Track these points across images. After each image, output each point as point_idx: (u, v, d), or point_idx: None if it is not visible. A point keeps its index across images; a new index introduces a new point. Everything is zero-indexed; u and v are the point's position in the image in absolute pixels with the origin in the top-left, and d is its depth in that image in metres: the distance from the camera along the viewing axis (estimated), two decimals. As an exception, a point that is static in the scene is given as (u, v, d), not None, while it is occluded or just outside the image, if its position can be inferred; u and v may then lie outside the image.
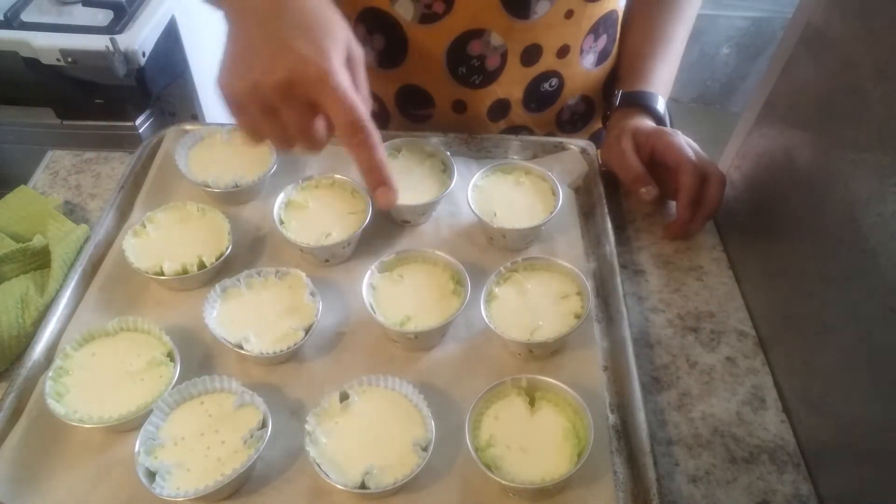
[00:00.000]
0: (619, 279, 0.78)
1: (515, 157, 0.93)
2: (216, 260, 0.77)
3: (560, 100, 0.99)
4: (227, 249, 0.78)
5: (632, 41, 0.97)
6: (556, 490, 0.62)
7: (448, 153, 0.87)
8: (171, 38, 1.64)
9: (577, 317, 0.72)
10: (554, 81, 0.96)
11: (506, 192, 0.85)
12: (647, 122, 0.88)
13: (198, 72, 1.75)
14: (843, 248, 0.65)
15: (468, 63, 0.91)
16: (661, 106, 0.89)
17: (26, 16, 1.59)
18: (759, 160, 0.83)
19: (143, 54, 1.50)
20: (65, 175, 0.96)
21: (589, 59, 0.97)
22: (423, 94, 0.95)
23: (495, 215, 0.81)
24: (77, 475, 0.64)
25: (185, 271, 0.76)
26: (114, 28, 1.51)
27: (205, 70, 1.78)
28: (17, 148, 1.76)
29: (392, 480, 0.60)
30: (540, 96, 0.97)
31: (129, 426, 0.65)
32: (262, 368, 0.71)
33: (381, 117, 0.99)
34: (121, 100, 1.60)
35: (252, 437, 0.63)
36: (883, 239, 0.59)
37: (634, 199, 0.94)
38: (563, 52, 0.93)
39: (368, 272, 0.75)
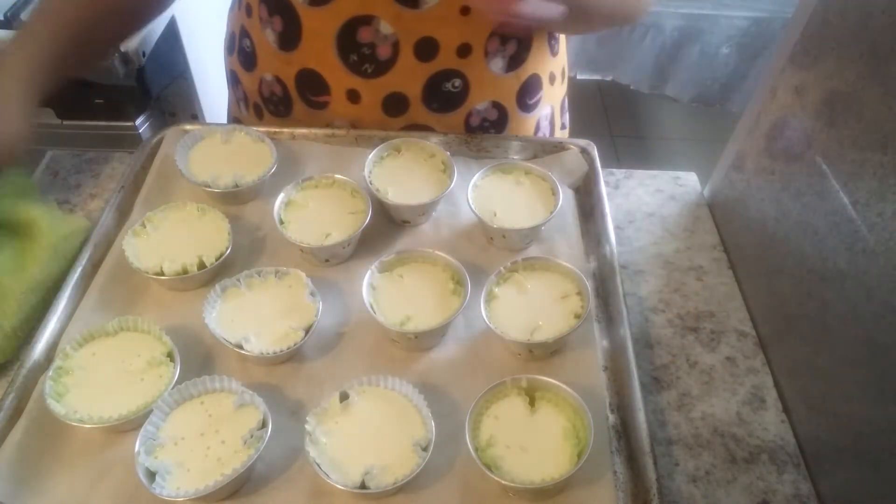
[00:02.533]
0: (619, 279, 0.78)
1: (515, 157, 0.93)
2: (216, 260, 0.77)
3: (467, 103, 0.94)
4: (227, 249, 0.78)
5: None
6: (556, 490, 0.62)
7: (448, 153, 0.87)
8: (171, 38, 1.64)
9: (577, 317, 0.72)
10: (457, 82, 0.92)
11: (506, 192, 0.85)
12: None
13: (198, 72, 1.75)
14: (843, 248, 0.65)
15: (359, 51, 0.88)
16: None
17: (26, 16, 1.59)
18: (759, 160, 0.83)
19: (143, 54, 1.50)
20: (65, 175, 0.96)
21: (497, 64, 0.92)
22: (319, 79, 0.92)
23: (495, 215, 0.81)
24: (77, 475, 0.64)
25: (185, 271, 0.76)
26: (114, 28, 1.51)
27: (205, 70, 1.78)
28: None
29: (392, 480, 0.60)
30: (442, 96, 0.93)
31: (129, 426, 0.65)
32: (262, 368, 0.71)
33: (284, 102, 0.97)
34: (121, 100, 1.60)
35: (252, 437, 0.63)
36: (883, 239, 0.59)
37: (634, 199, 0.94)
38: (463, 51, 0.89)
39: (368, 272, 0.75)
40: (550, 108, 1.04)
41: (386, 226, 0.86)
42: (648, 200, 0.94)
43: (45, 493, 0.62)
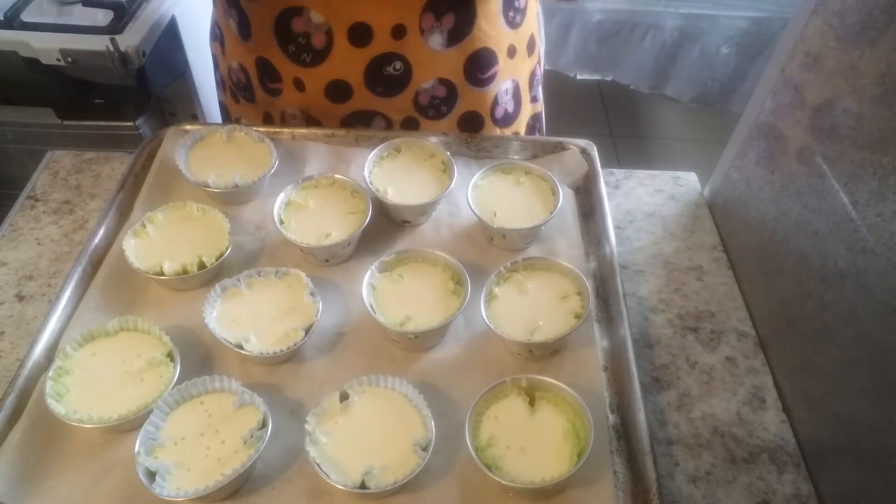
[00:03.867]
0: (619, 279, 0.78)
1: (515, 157, 0.93)
2: (216, 260, 0.77)
3: (412, 83, 0.94)
4: (226, 249, 0.78)
5: None
6: (556, 490, 0.62)
7: (448, 153, 0.87)
8: (171, 38, 1.64)
9: (577, 317, 0.72)
10: (398, 64, 0.91)
11: (506, 192, 0.85)
12: None
13: (198, 72, 1.75)
14: (843, 248, 0.65)
15: (296, 41, 0.90)
16: None
17: (26, 16, 1.59)
18: (758, 160, 0.83)
19: (143, 54, 1.50)
20: (65, 175, 0.96)
21: (436, 40, 0.90)
22: (271, 67, 0.94)
23: (495, 215, 0.81)
24: (77, 475, 0.64)
25: (185, 271, 0.76)
26: (114, 28, 1.51)
27: (205, 70, 1.78)
28: (17, 148, 1.76)
29: (392, 480, 0.60)
30: (385, 80, 0.92)
31: (129, 426, 0.65)
32: (262, 368, 0.71)
33: (248, 88, 0.99)
34: (121, 100, 1.60)
35: (252, 437, 0.63)
36: (883, 239, 0.59)
37: (634, 199, 0.94)
38: (398, 32, 0.88)
39: (368, 272, 0.75)
40: (513, 82, 1.01)
41: (386, 226, 0.86)
42: (648, 200, 0.94)
43: (46, 493, 0.62)
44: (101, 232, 0.82)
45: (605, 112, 2.68)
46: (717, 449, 0.68)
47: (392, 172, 0.87)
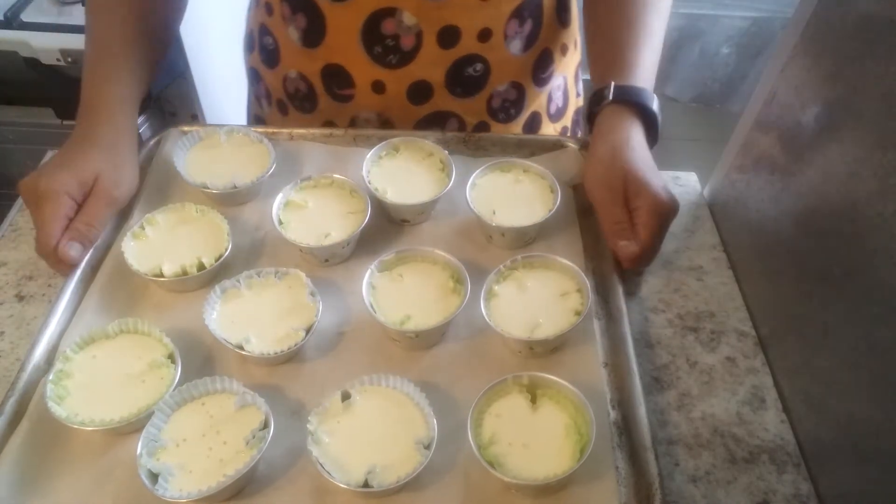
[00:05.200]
0: (617, 276, 0.78)
1: (513, 156, 0.92)
2: (215, 261, 0.77)
3: (488, 86, 0.97)
4: (226, 250, 0.78)
5: (608, 28, 0.91)
6: (559, 487, 0.62)
7: (446, 152, 0.87)
8: None
9: (578, 314, 0.72)
10: (479, 66, 0.94)
11: (504, 190, 0.85)
12: (641, 153, 0.82)
13: (198, 72, 1.75)
14: (843, 248, 0.65)
15: (383, 42, 0.90)
16: (656, 106, 0.85)
17: (26, 16, 1.59)
18: (758, 160, 0.83)
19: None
20: (65, 175, 0.96)
21: (515, 45, 0.95)
22: (344, 73, 0.94)
23: (494, 213, 0.81)
24: (79, 478, 0.63)
25: (184, 273, 0.76)
26: (113, 28, 1.50)
27: (205, 70, 1.78)
28: (17, 148, 1.76)
29: (395, 479, 0.60)
30: (465, 81, 0.95)
31: (131, 428, 0.65)
32: (263, 369, 0.71)
33: (309, 98, 0.99)
34: (120, 100, 1.60)
35: (254, 437, 0.63)
36: (883, 239, 0.59)
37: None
38: (484, 35, 0.91)
39: (368, 271, 0.75)
40: (563, 79, 1.06)
41: (385, 225, 0.86)
42: (648, 199, 0.94)
43: (47, 497, 0.62)
44: (100, 235, 0.81)
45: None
46: (717, 449, 0.68)
47: (391, 172, 0.87)
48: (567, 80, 1.08)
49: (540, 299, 0.74)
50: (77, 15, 1.59)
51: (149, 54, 0.92)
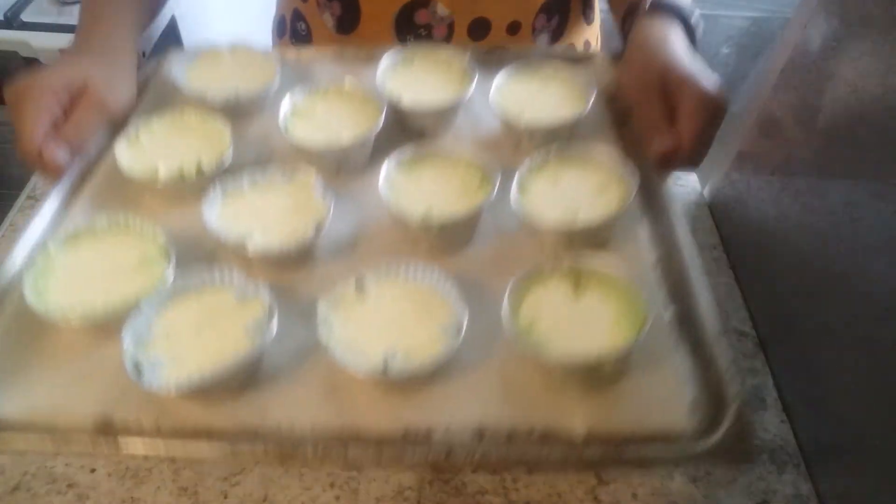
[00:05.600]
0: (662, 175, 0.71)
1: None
2: (215, 165, 0.70)
3: None
4: (228, 149, 0.71)
5: None
6: (612, 378, 0.54)
7: (468, 56, 0.81)
8: (171, 38, 1.64)
9: (620, 205, 0.64)
10: None
11: (532, 95, 0.78)
12: (682, 48, 0.76)
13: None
14: (843, 248, 0.65)
15: (416, 32, 0.92)
16: (696, 16, 0.81)
17: (26, 16, 1.59)
18: (758, 160, 0.84)
19: (144, 54, 1.47)
20: (64, 174, 0.91)
21: (542, 39, 0.97)
22: None
23: (522, 115, 0.75)
24: (59, 376, 0.56)
25: (182, 177, 0.69)
26: (114, 29, 1.50)
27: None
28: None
29: (418, 364, 0.52)
30: None
31: (117, 324, 0.56)
32: (269, 270, 0.64)
33: None
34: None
35: (257, 326, 0.55)
36: (883, 239, 0.59)
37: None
38: (513, 28, 0.94)
39: (385, 167, 0.68)
40: None
41: (401, 136, 0.77)
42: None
43: (25, 397, 0.55)
44: (93, 148, 0.76)
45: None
46: (718, 449, 0.65)
47: (406, 80, 0.80)
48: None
49: (577, 194, 0.67)
50: (77, 15, 1.58)
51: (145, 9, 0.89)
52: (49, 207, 0.69)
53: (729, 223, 0.88)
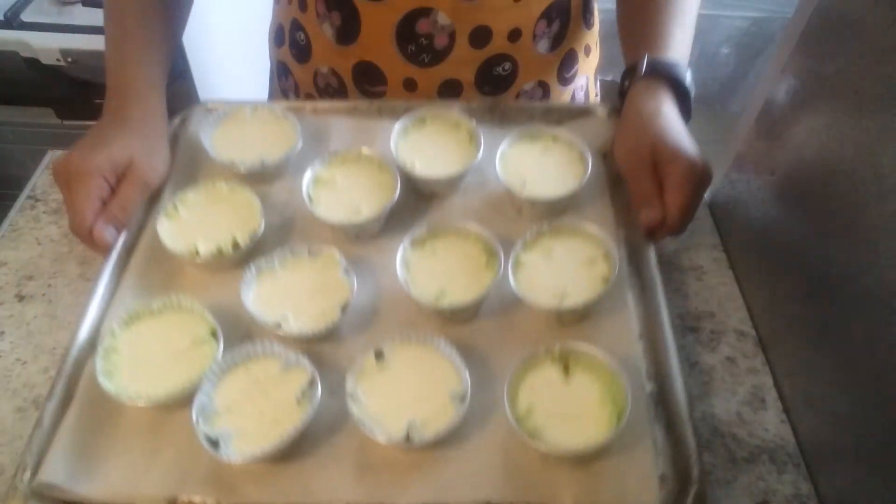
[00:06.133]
0: (650, 245, 0.77)
1: (540, 124, 0.91)
2: (249, 239, 0.78)
3: (515, 85, 0.99)
4: (259, 228, 0.78)
5: (641, 6, 0.91)
6: (596, 456, 0.63)
7: (474, 122, 0.87)
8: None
9: (605, 281, 0.72)
10: (507, 65, 0.96)
11: (534, 160, 0.85)
12: (672, 122, 0.80)
13: (198, 72, 1.75)
14: (843, 248, 0.65)
15: (417, 41, 0.92)
16: (689, 80, 0.84)
17: (26, 16, 1.59)
18: (758, 160, 0.83)
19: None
20: (65, 175, 0.96)
21: (543, 45, 0.97)
22: (376, 70, 0.96)
23: (524, 184, 0.81)
24: (132, 453, 0.64)
25: (220, 252, 0.77)
26: (114, 28, 1.51)
27: (205, 70, 1.78)
28: (17, 148, 1.77)
29: (433, 433, 0.61)
30: (493, 80, 0.97)
31: (177, 404, 0.66)
32: (300, 348, 0.71)
33: (340, 93, 1.01)
34: (121, 99, 1.59)
35: (304, 395, 0.65)
36: (883, 239, 0.59)
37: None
38: (514, 35, 0.93)
39: (401, 248, 0.75)
40: (585, 79, 1.07)
41: (413, 199, 0.85)
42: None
43: (103, 475, 0.63)
44: (133, 218, 0.82)
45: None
46: (717, 449, 0.68)
47: (418, 144, 0.87)
48: (588, 80, 1.10)
49: (567, 267, 0.74)
50: (77, 15, 1.59)
51: (168, 37, 0.93)
52: (102, 286, 0.76)
53: (729, 223, 0.88)
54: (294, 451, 0.64)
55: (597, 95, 1.15)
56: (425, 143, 0.87)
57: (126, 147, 0.80)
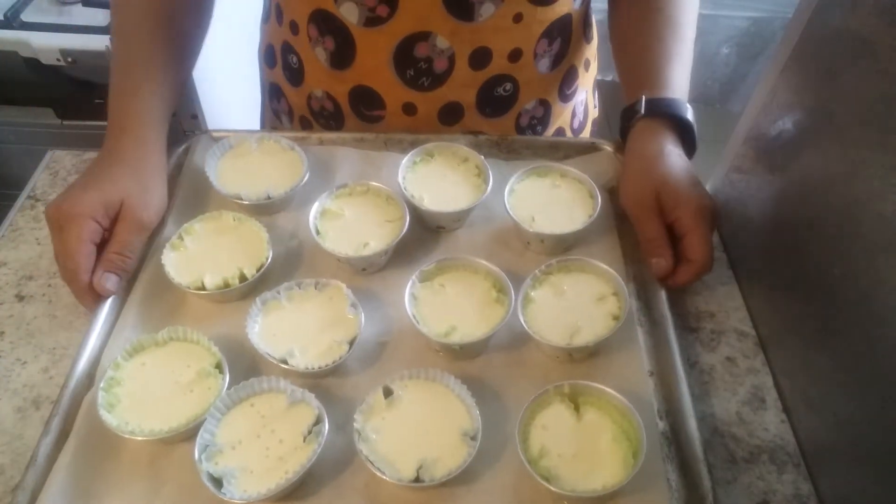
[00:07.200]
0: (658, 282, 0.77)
1: (546, 159, 0.91)
2: (256, 272, 0.77)
3: (517, 105, 0.97)
4: (267, 260, 0.77)
5: (636, 39, 0.91)
6: (610, 497, 0.62)
7: (482, 157, 0.86)
8: None
9: (616, 318, 0.71)
10: (508, 86, 0.94)
11: (542, 196, 0.84)
12: (675, 163, 0.80)
13: (198, 72, 1.74)
14: (843, 248, 0.65)
15: (416, 66, 0.90)
16: (690, 116, 0.83)
17: (26, 16, 1.58)
18: (758, 161, 0.83)
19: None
20: (65, 175, 0.95)
21: (544, 64, 0.95)
22: (374, 95, 0.94)
23: (533, 220, 0.81)
24: (131, 490, 0.63)
25: (226, 285, 0.76)
26: (114, 28, 1.51)
27: (205, 70, 1.77)
28: (17, 148, 1.76)
29: (445, 472, 0.60)
30: (494, 101, 0.95)
31: (179, 438, 0.65)
32: (306, 383, 0.70)
33: (336, 117, 0.99)
34: (121, 100, 1.60)
35: (310, 432, 0.63)
36: (883, 239, 0.59)
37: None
38: (514, 56, 0.91)
39: (410, 282, 0.74)
40: (585, 93, 1.06)
41: (420, 232, 0.85)
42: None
43: None
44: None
45: (605, 112, 2.68)
46: (717, 449, 0.68)
47: (426, 178, 0.86)
48: (588, 94, 1.09)
49: (577, 304, 0.74)
50: (77, 15, 1.59)
51: (175, 66, 0.90)
52: (102, 318, 0.74)
53: (729, 223, 0.88)
54: (299, 490, 0.63)
55: (595, 107, 1.14)
56: (433, 177, 0.86)
57: (118, 187, 0.77)
